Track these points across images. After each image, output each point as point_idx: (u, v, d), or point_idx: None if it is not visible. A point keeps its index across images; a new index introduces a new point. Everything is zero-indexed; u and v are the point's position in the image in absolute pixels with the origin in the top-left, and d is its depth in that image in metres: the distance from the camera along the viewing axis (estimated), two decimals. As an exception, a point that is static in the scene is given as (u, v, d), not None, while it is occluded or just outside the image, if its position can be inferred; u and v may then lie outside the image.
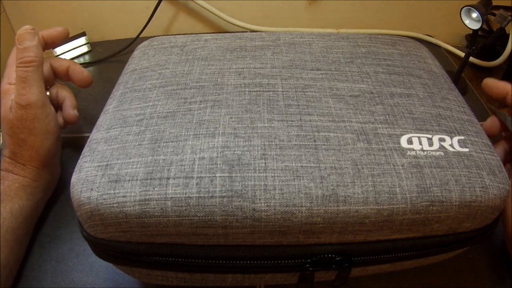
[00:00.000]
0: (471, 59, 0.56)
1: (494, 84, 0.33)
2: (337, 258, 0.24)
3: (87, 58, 0.57)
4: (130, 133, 0.25)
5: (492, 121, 0.33)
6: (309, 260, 0.23)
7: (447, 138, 0.25)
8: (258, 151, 0.23)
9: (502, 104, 0.33)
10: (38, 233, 0.34)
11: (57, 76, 0.39)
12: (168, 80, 0.29)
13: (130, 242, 0.23)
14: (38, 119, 0.33)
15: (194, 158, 0.23)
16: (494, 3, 0.45)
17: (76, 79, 0.39)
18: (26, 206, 0.32)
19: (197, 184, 0.22)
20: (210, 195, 0.21)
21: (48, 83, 0.37)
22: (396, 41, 0.35)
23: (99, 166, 0.23)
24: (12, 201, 0.31)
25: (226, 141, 0.24)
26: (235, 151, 0.23)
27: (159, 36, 0.36)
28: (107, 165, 0.23)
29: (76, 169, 0.24)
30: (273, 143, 0.24)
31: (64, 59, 0.39)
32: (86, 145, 0.25)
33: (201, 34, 0.35)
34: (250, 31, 0.51)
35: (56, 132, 0.35)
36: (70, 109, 0.38)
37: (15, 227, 0.31)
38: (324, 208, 0.21)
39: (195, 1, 0.57)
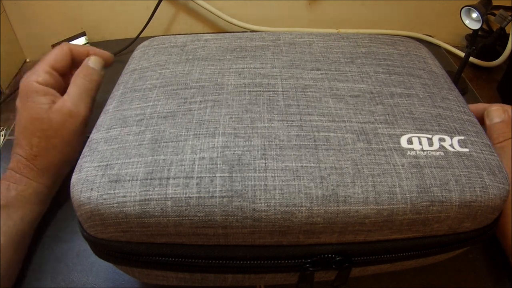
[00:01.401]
0: (471, 59, 0.56)
1: (472, 107, 0.34)
2: (337, 258, 0.23)
3: (87, 58, 0.57)
4: (130, 133, 0.25)
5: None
6: (309, 260, 0.23)
7: (447, 138, 0.25)
8: (258, 151, 0.23)
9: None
10: (38, 233, 0.34)
11: (75, 62, 0.38)
12: (168, 80, 0.29)
13: (130, 242, 0.23)
14: (76, 131, 0.34)
15: (194, 158, 0.23)
16: (494, 3, 0.45)
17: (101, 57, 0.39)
18: (35, 211, 0.32)
19: (197, 184, 0.22)
20: (210, 195, 0.21)
21: (65, 69, 0.36)
22: (396, 41, 0.35)
23: (99, 166, 0.23)
24: (24, 207, 0.31)
25: (226, 141, 0.24)
26: (235, 151, 0.23)
27: (159, 36, 0.36)
28: (107, 165, 0.23)
29: (76, 169, 0.24)
30: (273, 143, 0.24)
31: (82, 46, 0.39)
32: (86, 145, 0.25)
33: (201, 34, 0.35)
34: (250, 31, 0.51)
35: (81, 147, 0.35)
36: (101, 52, 0.38)
37: (24, 231, 0.31)
38: (324, 208, 0.21)
39: (195, 1, 0.57)
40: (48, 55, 0.35)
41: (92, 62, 0.36)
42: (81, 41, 0.57)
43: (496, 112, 0.32)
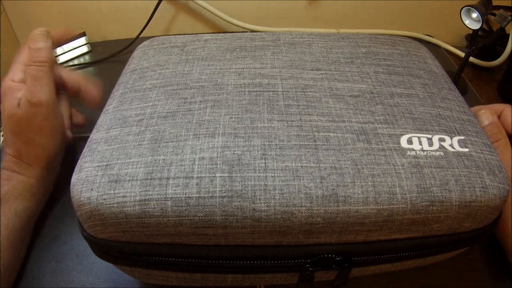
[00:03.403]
0: (471, 59, 0.56)
1: (475, 110, 0.34)
2: (337, 258, 0.24)
3: (87, 58, 0.57)
4: (130, 133, 0.25)
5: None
6: (309, 260, 0.23)
7: (447, 138, 0.25)
8: (258, 151, 0.23)
9: None
10: (38, 233, 0.34)
11: (65, 88, 0.38)
12: (168, 80, 0.29)
13: (130, 242, 0.23)
14: (47, 118, 0.33)
15: (194, 158, 0.23)
16: (494, 3, 0.45)
17: (88, 100, 0.39)
18: (29, 206, 0.32)
19: (197, 184, 0.22)
20: (210, 195, 0.21)
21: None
22: (396, 41, 0.35)
23: (99, 166, 0.23)
24: (17, 202, 0.31)
25: (226, 141, 0.24)
26: (235, 151, 0.23)
27: (159, 36, 0.36)
28: (107, 165, 0.23)
29: (76, 169, 0.24)
30: (273, 143, 0.24)
31: (76, 73, 0.39)
32: (86, 145, 0.25)
33: (201, 34, 0.35)
34: (250, 31, 0.51)
35: (62, 132, 0.35)
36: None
37: (19, 228, 0.31)
38: (324, 208, 0.21)
39: (195, 1, 0.58)
40: (16, 55, 0.35)
41: (33, 43, 0.33)
42: (81, 41, 0.57)
43: (484, 115, 0.32)
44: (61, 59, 0.55)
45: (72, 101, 0.39)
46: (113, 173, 0.23)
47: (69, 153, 0.41)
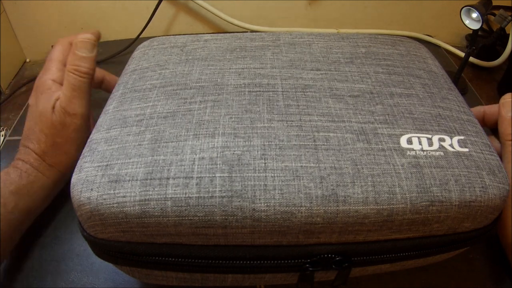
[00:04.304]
0: (471, 59, 0.56)
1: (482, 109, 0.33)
2: (337, 258, 0.24)
3: (87, 58, 0.57)
4: (130, 133, 0.25)
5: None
6: (309, 260, 0.23)
7: (447, 138, 0.25)
8: (258, 151, 0.23)
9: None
10: (39, 234, 0.34)
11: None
12: (168, 81, 0.29)
13: (130, 242, 0.23)
14: (79, 129, 0.33)
15: (194, 158, 0.23)
16: (494, 3, 0.45)
17: (112, 86, 0.39)
18: (39, 206, 0.33)
19: (197, 184, 0.22)
20: (210, 195, 0.22)
21: None
22: (396, 41, 0.35)
23: (99, 166, 0.23)
24: (31, 198, 0.31)
25: (226, 141, 0.24)
26: (235, 151, 0.23)
27: (159, 36, 0.36)
28: (107, 165, 0.23)
29: (76, 169, 0.24)
30: (272, 143, 0.24)
31: (99, 69, 0.40)
32: (86, 145, 0.25)
33: (201, 34, 0.35)
34: (250, 31, 0.51)
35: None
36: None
37: (21, 222, 0.31)
38: (324, 208, 0.21)
39: (195, 1, 0.58)
40: (54, 52, 0.34)
41: (79, 49, 0.33)
42: (81, 41, 0.57)
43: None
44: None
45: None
46: (113, 173, 0.23)
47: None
